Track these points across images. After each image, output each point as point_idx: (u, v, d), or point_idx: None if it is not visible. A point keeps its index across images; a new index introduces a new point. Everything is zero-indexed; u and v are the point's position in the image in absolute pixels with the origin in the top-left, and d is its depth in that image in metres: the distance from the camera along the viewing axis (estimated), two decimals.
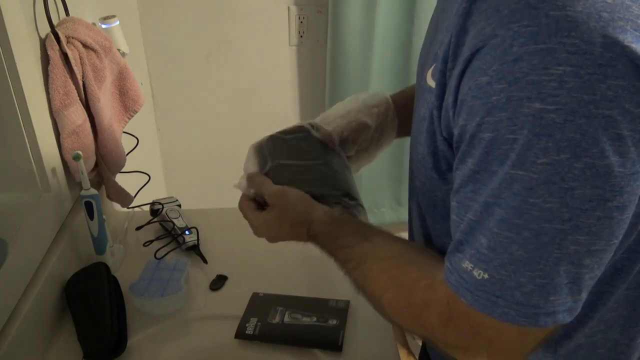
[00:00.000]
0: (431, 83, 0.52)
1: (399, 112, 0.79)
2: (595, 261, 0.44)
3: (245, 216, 0.74)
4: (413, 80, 1.40)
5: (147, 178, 1.12)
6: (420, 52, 0.66)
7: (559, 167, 0.40)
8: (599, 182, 0.40)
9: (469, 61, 0.44)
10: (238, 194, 0.78)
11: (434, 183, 0.57)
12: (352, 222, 0.67)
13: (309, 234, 0.68)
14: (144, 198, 1.12)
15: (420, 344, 0.90)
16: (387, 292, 0.57)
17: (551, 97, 0.39)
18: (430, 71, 0.53)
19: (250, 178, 0.75)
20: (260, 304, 0.89)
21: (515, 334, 0.47)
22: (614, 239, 0.44)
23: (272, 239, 0.73)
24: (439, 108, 0.50)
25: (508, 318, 0.45)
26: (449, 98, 0.48)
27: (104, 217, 0.93)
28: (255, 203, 0.74)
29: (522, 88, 0.40)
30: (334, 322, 0.85)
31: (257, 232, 0.73)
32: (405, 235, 0.76)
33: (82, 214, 0.91)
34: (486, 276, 0.45)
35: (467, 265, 0.47)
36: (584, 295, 0.46)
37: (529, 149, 0.41)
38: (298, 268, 1.02)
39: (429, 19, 0.66)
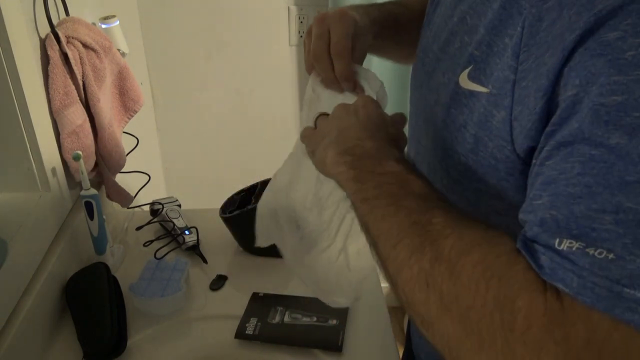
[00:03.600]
0: (473, 86, 0.48)
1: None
2: None
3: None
4: None
5: (147, 178, 1.12)
6: (421, 59, 0.62)
7: None
8: None
9: (587, 33, 0.38)
10: None
11: (478, 193, 0.52)
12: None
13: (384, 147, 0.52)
14: (144, 198, 1.12)
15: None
16: (454, 282, 0.39)
17: None
18: (464, 74, 0.50)
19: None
20: (260, 304, 0.89)
21: (627, 337, 0.34)
22: None
23: (327, 132, 0.57)
24: (507, 108, 0.45)
25: (631, 317, 0.33)
26: (528, 90, 0.43)
27: (104, 217, 0.93)
28: None
29: None
30: (334, 322, 0.85)
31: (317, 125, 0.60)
32: None
33: (82, 214, 0.91)
34: (611, 256, 0.34)
35: (573, 244, 0.36)
36: None
37: None
38: None
39: (429, 19, 0.64)
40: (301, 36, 1.59)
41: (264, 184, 1.05)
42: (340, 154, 0.53)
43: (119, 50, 1.04)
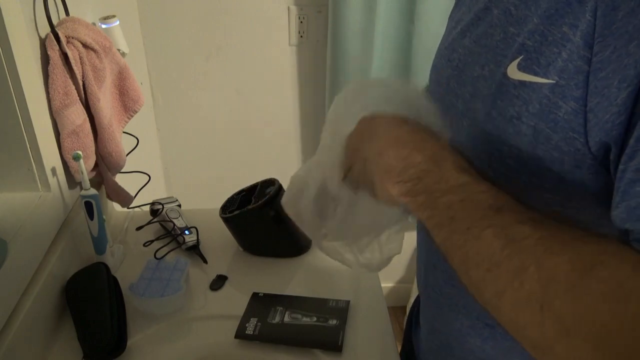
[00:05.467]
0: (526, 77, 0.47)
1: None
2: None
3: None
4: (413, 80, 1.38)
5: (147, 178, 1.11)
6: (448, 57, 0.61)
7: None
8: None
9: None
10: None
11: (532, 189, 0.50)
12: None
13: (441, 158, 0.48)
14: (144, 198, 1.12)
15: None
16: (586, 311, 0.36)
17: None
18: (514, 64, 0.49)
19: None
20: (260, 304, 0.89)
21: None
22: None
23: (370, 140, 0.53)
24: (580, 99, 0.44)
25: None
26: (610, 80, 0.42)
27: (104, 217, 0.93)
28: None
29: None
30: (334, 322, 0.85)
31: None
32: (406, 234, 0.76)
33: (82, 214, 0.91)
34: None
35: None
36: None
37: None
38: (298, 268, 1.02)
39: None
40: (301, 36, 1.59)
41: (264, 184, 1.05)
42: (396, 184, 0.49)
43: (119, 50, 1.04)
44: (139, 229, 1.08)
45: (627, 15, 0.41)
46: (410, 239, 0.79)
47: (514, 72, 0.49)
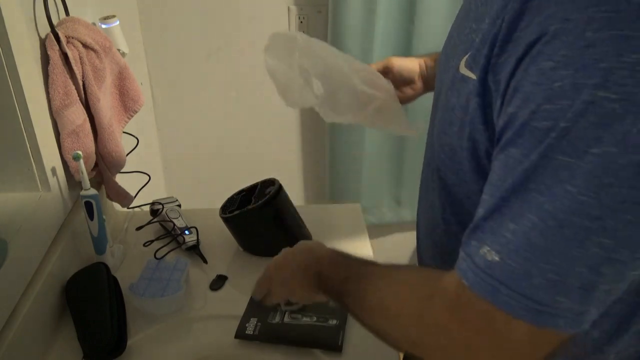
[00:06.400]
0: (466, 72, 0.51)
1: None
2: (613, 272, 0.41)
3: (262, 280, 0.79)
4: None
5: (147, 178, 1.12)
6: (446, 43, 0.65)
7: (605, 160, 0.39)
8: (637, 183, 0.39)
9: (531, 46, 0.42)
10: None
11: (465, 175, 0.55)
12: (352, 256, 0.67)
13: (316, 277, 0.68)
14: (144, 198, 1.12)
15: None
16: (388, 294, 0.56)
17: (618, 86, 0.37)
18: (464, 60, 0.52)
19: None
20: (260, 304, 0.89)
21: (524, 334, 0.44)
22: (639, 253, 0.41)
23: (283, 285, 0.75)
24: (481, 95, 0.49)
25: (508, 308, 0.43)
26: (496, 85, 0.46)
27: (104, 217, 0.93)
28: None
29: (589, 75, 0.38)
30: (334, 322, 0.85)
31: (270, 277, 0.78)
32: (406, 234, 0.76)
33: (82, 214, 0.91)
34: (497, 259, 0.43)
35: (483, 249, 0.45)
36: (594, 312, 0.43)
37: (583, 138, 0.39)
38: None
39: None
40: None
41: (264, 184, 1.05)
42: (310, 290, 0.70)
43: (119, 50, 1.04)
44: (139, 229, 1.08)
45: (525, 25, 0.43)
46: (410, 240, 0.79)
47: (463, 67, 0.52)
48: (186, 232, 1.04)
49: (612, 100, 0.38)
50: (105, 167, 1.00)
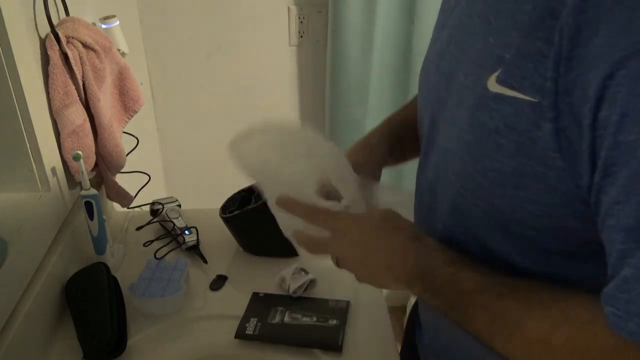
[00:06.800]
0: (503, 90, 0.47)
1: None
2: None
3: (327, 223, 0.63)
4: (413, 80, 1.40)
5: (147, 178, 1.12)
6: (436, 52, 0.61)
7: None
8: None
9: (619, 63, 0.38)
10: None
11: (517, 203, 0.50)
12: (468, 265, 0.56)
13: (422, 273, 0.57)
14: (144, 198, 1.12)
15: None
16: (556, 330, 0.47)
17: None
18: (493, 77, 0.48)
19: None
20: (260, 304, 0.89)
21: None
22: None
23: (362, 262, 0.62)
24: (553, 120, 0.44)
25: None
26: (571, 107, 0.42)
27: (104, 217, 0.93)
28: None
29: None
30: (334, 322, 0.85)
31: (341, 245, 0.63)
32: None
33: (82, 214, 0.91)
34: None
35: None
36: None
37: None
38: None
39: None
40: (301, 36, 1.59)
41: None
42: (405, 282, 0.58)
43: (119, 50, 1.04)
44: (139, 229, 1.08)
45: (587, 39, 0.40)
46: None
47: (493, 85, 0.48)
48: (186, 232, 1.04)
49: None
50: (105, 167, 1.00)
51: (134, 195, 1.09)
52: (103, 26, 1.06)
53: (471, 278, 0.54)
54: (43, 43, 0.86)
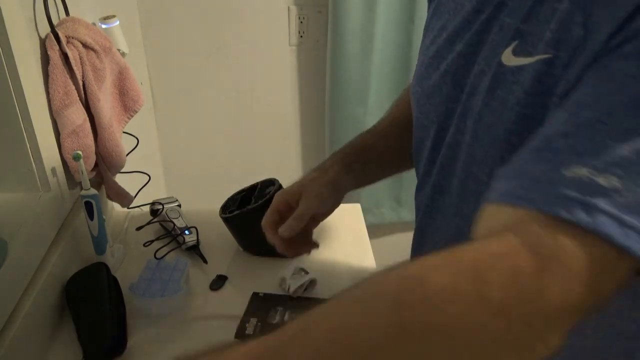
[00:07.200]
0: (519, 60, 0.48)
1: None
2: None
3: None
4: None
5: (147, 178, 1.12)
6: (433, 56, 0.62)
7: None
8: None
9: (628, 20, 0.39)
10: None
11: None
12: None
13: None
14: (144, 198, 1.12)
15: None
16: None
17: None
18: (508, 50, 0.49)
19: None
20: (260, 304, 0.89)
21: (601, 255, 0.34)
22: None
23: None
24: (565, 68, 0.44)
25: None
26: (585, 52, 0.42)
27: (104, 217, 0.93)
28: None
29: None
30: None
31: None
32: (406, 234, 0.76)
33: (82, 214, 0.91)
34: (620, 185, 0.34)
35: (581, 171, 0.35)
36: None
37: None
38: None
39: (428, 26, 0.64)
40: (301, 36, 1.59)
41: (264, 184, 1.05)
42: None
43: (119, 50, 1.04)
44: (139, 229, 1.08)
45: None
46: (410, 240, 0.79)
47: (509, 58, 0.49)
48: (186, 232, 1.04)
49: None
50: (105, 167, 1.00)
51: (134, 195, 1.09)
52: (103, 26, 1.06)
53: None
54: (43, 43, 0.86)
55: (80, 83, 0.89)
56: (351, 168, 0.78)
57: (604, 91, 0.39)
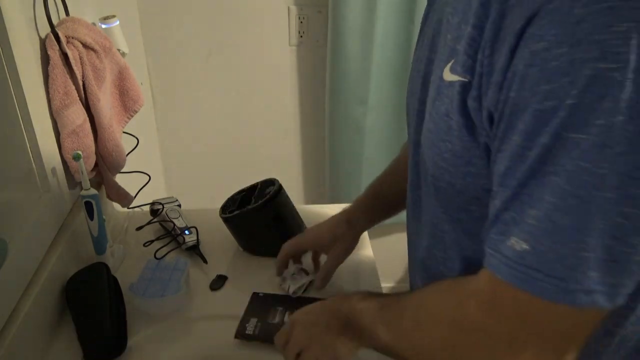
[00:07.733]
0: (453, 77, 0.51)
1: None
2: None
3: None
4: None
5: (147, 178, 1.12)
6: (417, 59, 0.66)
7: (614, 130, 0.39)
8: None
9: (521, 33, 0.43)
10: None
11: (470, 179, 0.55)
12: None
13: (348, 321, 0.65)
14: (144, 198, 1.12)
15: None
16: (421, 310, 0.57)
17: (614, 55, 0.38)
18: (448, 67, 0.52)
19: None
20: (260, 304, 0.89)
21: (566, 318, 0.44)
22: None
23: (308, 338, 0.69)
24: (477, 99, 0.49)
25: (547, 294, 0.43)
26: (493, 80, 0.46)
27: (104, 217, 0.93)
28: None
29: (585, 49, 0.39)
30: None
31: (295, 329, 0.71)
32: (406, 234, 0.76)
33: (82, 214, 0.91)
34: (526, 247, 0.44)
35: (512, 241, 0.45)
36: (628, 284, 0.43)
37: (589, 111, 0.40)
38: None
39: (422, 29, 0.67)
40: (301, 36, 1.60)
41: (264, 184, 1.05)
42: (341, 333, 0.66)
43: (119, 50, 1.04)
44: (139, 229, 1.08)
45: (510, 23, 0.44)
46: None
47: (447, 74, 0.53)
48: (186, 232, 1.04)
49: (611, 69, 0.39)
50: (105, 167, 1.00)
51: (134, 195, 1.09)
52: (103, 26, 1.06)
53: (372, 304, 0.63)
54: (43, 43, 0.86)
55: (80, 83, 0.89)
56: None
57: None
